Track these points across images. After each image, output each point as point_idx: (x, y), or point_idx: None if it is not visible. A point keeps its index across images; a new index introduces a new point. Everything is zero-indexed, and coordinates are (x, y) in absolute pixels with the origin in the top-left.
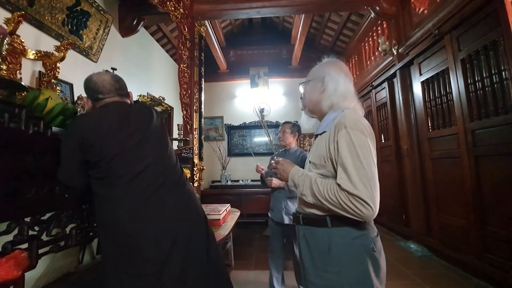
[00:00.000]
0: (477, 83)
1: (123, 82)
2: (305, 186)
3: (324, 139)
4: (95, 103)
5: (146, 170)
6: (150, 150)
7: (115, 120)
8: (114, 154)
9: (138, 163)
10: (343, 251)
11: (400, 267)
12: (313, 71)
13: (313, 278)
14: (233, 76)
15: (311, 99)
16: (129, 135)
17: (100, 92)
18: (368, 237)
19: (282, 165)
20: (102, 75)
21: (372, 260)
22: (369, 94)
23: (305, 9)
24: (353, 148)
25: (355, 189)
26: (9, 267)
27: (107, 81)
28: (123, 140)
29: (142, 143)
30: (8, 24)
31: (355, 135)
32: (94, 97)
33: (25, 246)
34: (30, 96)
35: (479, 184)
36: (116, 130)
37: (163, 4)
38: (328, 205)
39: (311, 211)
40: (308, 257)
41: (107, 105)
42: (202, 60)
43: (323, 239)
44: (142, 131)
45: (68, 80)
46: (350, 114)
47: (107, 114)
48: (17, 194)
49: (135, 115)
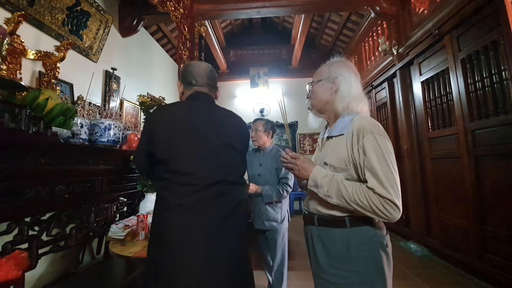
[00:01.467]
0: (477, 83)
1: (216, 75)
2: (331, 188)
3: (342, 142)
4: (187, 87)
5: (214, 187)
6: (227, 164)
7: (191, 116)
8: (182, 155)
9: (210, 175)
10: (362, 250)
11: (400, 267)
12: (322, 70)
13: (331, 278)
14: (233, 76)
15: (321, 99)
16: (207, 137)
17: (194, 78)
18: (382, 235)
19: (304, 162)
20: (201, 64)
21: (386, 256)
22: (369, 94)
23: (305, 9)
24: (381, 154)
25: (388, 193)
26: (9, 267)
27: (203, 68)
28: (198, 141)
29: (221, 152)
30: (8, 24)
31: (382, 141)
32: (188, 80)
33: (25, 246)
34: (30, 96)
35: (479, 184)
36: (193, 128)
37: (163, 4)
38: (356, 207)
39: (330, 213)
40: (324, 257)
41: (193, 99)
42: (202, 60)
43: (341, 239)
44: (227, 138)
45: (68, 80)
46: (369, 119)
47: (184, 108)
48: (17, 194)
49: (221, 120)
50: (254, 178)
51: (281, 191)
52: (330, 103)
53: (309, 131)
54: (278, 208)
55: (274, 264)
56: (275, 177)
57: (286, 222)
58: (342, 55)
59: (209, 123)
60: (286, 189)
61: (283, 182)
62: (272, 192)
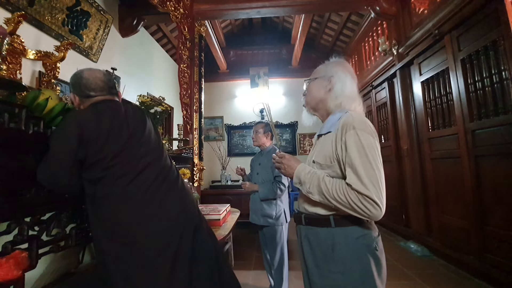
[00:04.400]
0: (477, 83)
1: (114, 80)
2: (312, 184)
3: (329, 139)
4: (84, 100)
5: (147, 169)
6: (149, 149)
7: (115, 117)
8: (116, 153)
9: (139, 163)
10: (347, 251)
11: (400, 267)
12: (319, 69)
13: (316, 278)
14: (233, 76)
15: (315, 96)
16: (129, 135)
17: (93, 89)
18: (371, 236)
19: (289, 160)
20: (94, 72)
21: (374, 259)
22: (369, 94)
23: (305, 9)
24: (362, 149)
25: (366, 189)
26: (9, 267)
27: (99, 78)
28: (124, 139)
29: (141, 143)
30: (8, 24)
31: (364, 136)
32: (85, 93)
33: (25, 246)
34: (30, 96)
35: (479, 184)
36: (118, 127)
37: (163, 4)
38: (336, 204)
39: (314, 211)
40: (310, 257)
41: (101, 104)
42: (202, 60)
43: (326, 239)
44: (140, 131)
45: (68, 80)
46: (356, 115)
47: (106, 111)
48: (17, 194)
49: (133, 114)
50: (253, 176)
51: (274, 189)
52: (324, 101)
53: (309, 131)
54: (273, 205)
55: (274, 262)
56: (271, 176)
57: (282, 219)
58: (341, 56)
59: (127, 118)
60: (279, 187)
61: (277, 180)
62: (266, 190)
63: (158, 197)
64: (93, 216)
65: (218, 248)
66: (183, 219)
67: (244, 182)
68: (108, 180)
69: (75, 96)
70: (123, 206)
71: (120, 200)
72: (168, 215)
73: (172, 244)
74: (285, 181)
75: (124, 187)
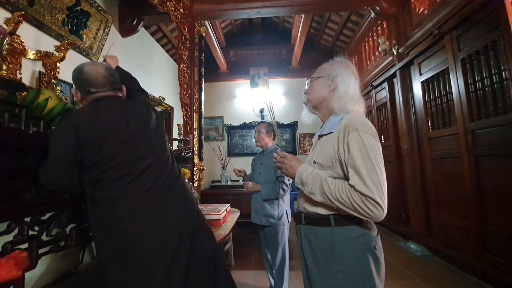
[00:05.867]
0: (477, 83)
1: (117, 75)
2: (315, 185)
3: (331, 140)
4: (86, 96)
5: (147, 171)
6: (150, 149)
7: (113, 117)
8: (114, 154)
9: (139, 164)
10: (346, 250)
11: (400, 267)
12: (323, 67)
13: (316, 277)
14: (233, 76)
15: (318, 95)
16: (129, 134)
17: (93, 85)
18: (370, 235)
19: (290, 160)
20: (96, 66)
21: (373, 258)
22: (369, 94)
23: (305, 9)
24: (365, 151)
25: (369, 191)
26: (9, 267)
27: (100, 73)
28: (123, 140)
29: (142, 142)
30: (8, 24)
31: (366, 138)
32: (86, 89)
33: (25, 246)
34: (30, 96)
35: (479, 184)
36: (115, 128)
37: (163, 4)
38: (339, 204)
39: (315, 211)
40: (310, 256)
41: (102, 101)
42: (202, 60)
43: (326, 238)
44: (141, 130)
45: (68, 80)
46: (358, 117)
47: (104, 110)
48: (17, 194)
49: (134, 113)
50: (256, 176)
51: (277, 189)
52: (326, 101)
53: (309, 131)
54: (275, 205)
55: (275, 262)
56: (273, 176)
57: (284, 220)
58: (345, 56)
59: (127, 117)
60: (282, 187)
61: (279, 180)
62: (268, 190)
63: (158, 199)
64: (92, 216)
65: (216, 253)
66: (182, 224)
67: (246, 182)
68: (107, 181)
69: (77, 91)
70: (122, 208)
71: (118, 202)
72: (167, 220)
73: (169, 250)
74: (287, 181)
75: (122, 188)
